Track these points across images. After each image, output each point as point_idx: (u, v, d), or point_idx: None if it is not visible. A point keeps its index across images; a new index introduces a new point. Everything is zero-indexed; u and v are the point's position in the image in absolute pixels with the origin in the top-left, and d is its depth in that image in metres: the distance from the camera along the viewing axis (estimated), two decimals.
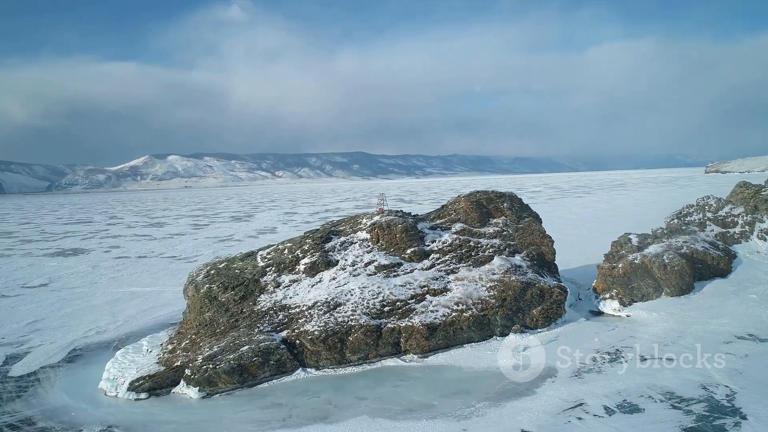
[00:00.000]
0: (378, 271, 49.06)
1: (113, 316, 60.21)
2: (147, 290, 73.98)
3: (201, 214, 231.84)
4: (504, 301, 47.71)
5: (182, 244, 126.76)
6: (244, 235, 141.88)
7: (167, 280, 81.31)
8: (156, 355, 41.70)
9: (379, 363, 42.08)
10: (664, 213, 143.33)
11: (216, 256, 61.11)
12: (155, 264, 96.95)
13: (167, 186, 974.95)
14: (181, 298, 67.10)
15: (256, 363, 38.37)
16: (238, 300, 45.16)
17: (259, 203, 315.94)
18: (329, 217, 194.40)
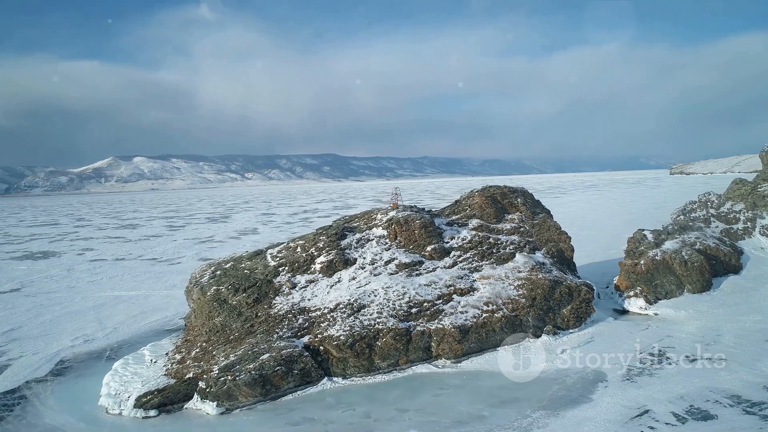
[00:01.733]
0: (399, 269, 45.55)
1: (100, 323, 54.96)
2: (132, 294, 68.56)
3: (174, 216, 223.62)
4: (534, 301, 44.82)
5: (160, 245, 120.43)
6: (225, 236, 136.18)
7: (152, 283, 75.97)
8: (162, 366, 37.16)
9: (410, 370, 38.56)
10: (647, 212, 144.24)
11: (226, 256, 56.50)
12: (135, 267, 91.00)
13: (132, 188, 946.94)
14: (173, 303, 62.77)
15: (279, 373, 34.36)
16: (251, 303, 40.94)
17: (232, 205, 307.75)
18: (309, 217, 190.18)
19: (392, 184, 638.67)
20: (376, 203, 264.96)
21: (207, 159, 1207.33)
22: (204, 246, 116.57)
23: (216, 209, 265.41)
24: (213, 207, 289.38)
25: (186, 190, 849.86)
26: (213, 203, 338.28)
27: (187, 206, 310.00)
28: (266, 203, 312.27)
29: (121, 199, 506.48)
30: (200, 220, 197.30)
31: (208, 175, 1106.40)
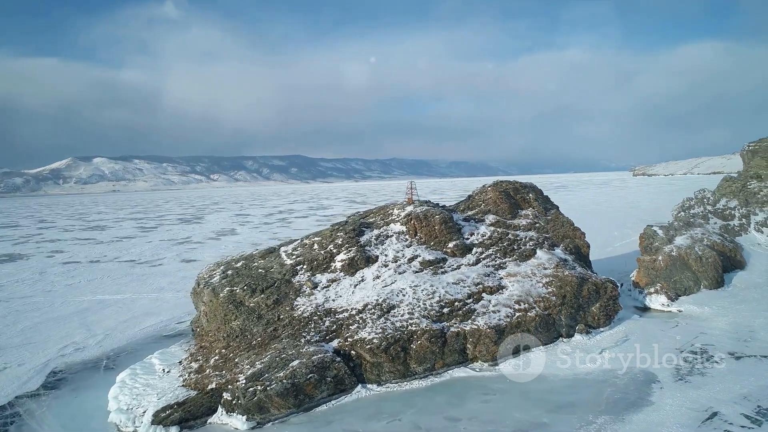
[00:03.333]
0: (424, 267, 42.84)
1: (88, 329, 50.29)
2: (117, 298, 63.70)
3: (143, 217, 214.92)
4: (564, 299, 42.79)
5: (136, 247, 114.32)
6: (203, 237, 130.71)
7: (136, 286, 71.06)
8: (178, 376, 33.36)
9: (447, 374, 35.85)
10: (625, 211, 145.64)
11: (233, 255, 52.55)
12: (114, 269, 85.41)
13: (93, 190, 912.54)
14: (164, 307, 58.45)
15: (311, 381, 31.12)
16: (271, 305, 37.49)
17: (202, 206, 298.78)
18: (286, 218, 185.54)
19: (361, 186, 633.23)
20: (350, 203, 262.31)
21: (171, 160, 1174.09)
22: (183, 247, 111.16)
23: (186, 210, 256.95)
24: (182, 208, 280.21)
25: (149, 191, 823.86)
26: (181, 204, 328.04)
27: (154, 208, 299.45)
28: (237, 204, 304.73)
29: (82, 200, 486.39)
30: (172, 221, 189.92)
31: (172, 176, 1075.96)
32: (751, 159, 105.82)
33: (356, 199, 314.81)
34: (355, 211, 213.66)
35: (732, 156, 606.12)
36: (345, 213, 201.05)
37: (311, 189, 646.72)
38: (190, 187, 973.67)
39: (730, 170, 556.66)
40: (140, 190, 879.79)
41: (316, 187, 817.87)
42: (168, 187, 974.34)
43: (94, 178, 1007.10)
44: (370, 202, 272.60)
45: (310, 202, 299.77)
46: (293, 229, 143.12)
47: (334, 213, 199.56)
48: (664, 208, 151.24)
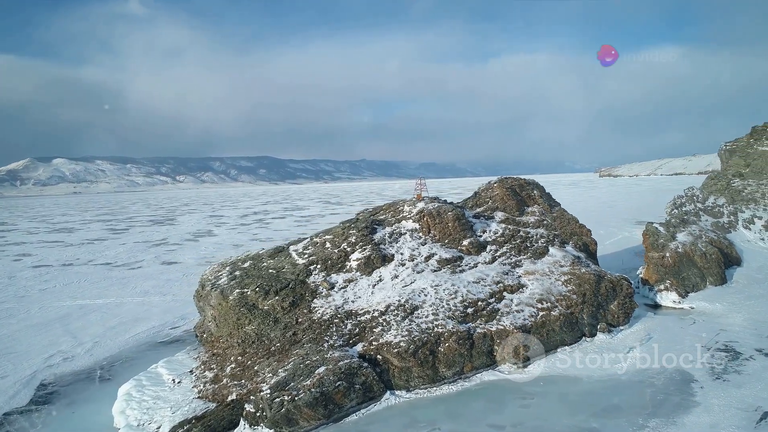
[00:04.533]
0: (441, 266, 40.93)
1: (74, 337, 46.56)
2: (100, 303, 59.68)
3: (111, 219, 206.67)
4: (584, 297, 41.52)
5: (110, 249, 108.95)
6: (180, 238, 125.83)
7: (118, 290, 66.93)
8: (191, 386, 30.50)
9: (476, 378, 33.95)
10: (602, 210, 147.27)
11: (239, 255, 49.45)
12: (90, 272, 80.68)
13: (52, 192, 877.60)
14: (154, 312, 54.92)
15: (341, 389, 28.78)
16: (287, 307, 34.88)
17: (171, 207, 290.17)
18: (263, 218, 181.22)
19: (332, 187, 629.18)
20: (325, 204, 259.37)
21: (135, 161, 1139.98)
22: (161, 249, 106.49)
23: (156, 212, 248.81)
24: (151, 210, 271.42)
25: (113, 193, 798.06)
26: (149, 206, 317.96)
27: (120, 209, 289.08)
28: (208, 206, 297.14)
29: (42, 202, 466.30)
30: (143, 222, 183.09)
31: (136, 177, 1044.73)
32: (729, 158, 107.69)
33: (330, 200, 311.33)
34: (325, 209, 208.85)
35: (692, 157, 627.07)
36: (321, 214, 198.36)
37: (282, 190, 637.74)
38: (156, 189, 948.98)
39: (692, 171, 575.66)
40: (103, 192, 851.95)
41: (286, 188, 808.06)
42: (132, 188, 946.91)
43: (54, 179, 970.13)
44: (345, 203, 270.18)
45: (284, 203, 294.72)
46: (272, 230, 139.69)
47: (311, 214, 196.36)
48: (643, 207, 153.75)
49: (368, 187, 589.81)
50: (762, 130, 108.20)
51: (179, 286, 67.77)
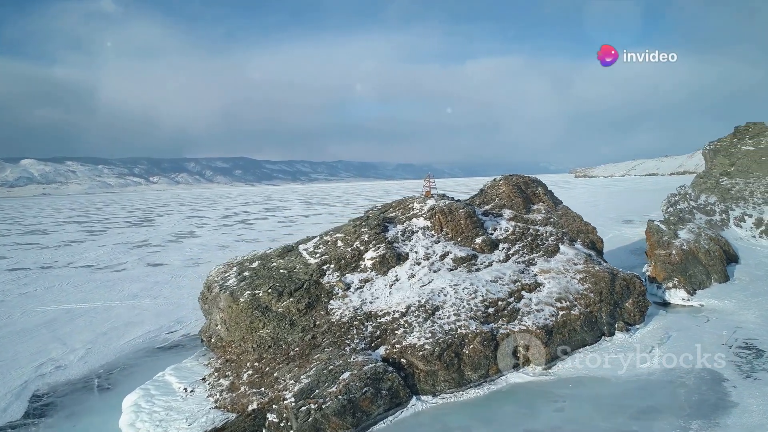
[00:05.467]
0: (457, 264, 39.53)
1: (64, 344, 43.75)
2: (87, 307, 56.64)
3: (86, 220, 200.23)
4: (601, 295, 40.61)
5: (89, 251, 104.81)
6: (162, 240, 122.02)
7: (104, 293, 63.83)
8: (207, 396, 28.39)
9: (502, 381, 32.60)
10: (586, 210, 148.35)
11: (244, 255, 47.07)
12: (72, 275, 77.04)
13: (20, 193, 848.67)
14: (146, 316, 52.21)
15: (368, 396, 27.11)
16: (303, 309, 32.99)
17: (148, 208, 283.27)
18: (245, 219, 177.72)
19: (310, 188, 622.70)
20: (306, 205, 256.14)
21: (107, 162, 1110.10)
22: (143, 251, 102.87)
23: (132, 213, 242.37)
24: (127, 211, 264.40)
25: (84, 194, 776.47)
26: (124, 207, 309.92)
27: (94, 211, 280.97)
28: (185, 207, 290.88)
29: (11, 204, 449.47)
30: (120, 224, 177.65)
31: (108, 179, 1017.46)
32: (714, 158, 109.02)
33: (311, 200, 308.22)
34: (307, 209, 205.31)
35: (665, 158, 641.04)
36: (304, 214, 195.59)
37: (259, 191, 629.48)
38: (129, 190, 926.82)
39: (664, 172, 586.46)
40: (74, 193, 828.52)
41: (263, 189, 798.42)
42: (104, 190, 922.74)
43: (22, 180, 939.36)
44: (326, 203, 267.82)
45: (263, 204, 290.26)
46: (257, 230, 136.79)
47: (293, 214, 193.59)
48: (624, 206, 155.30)
49: (346, 188, 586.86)
50: (745, 130, 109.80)
51: (169, 289, 65.06)
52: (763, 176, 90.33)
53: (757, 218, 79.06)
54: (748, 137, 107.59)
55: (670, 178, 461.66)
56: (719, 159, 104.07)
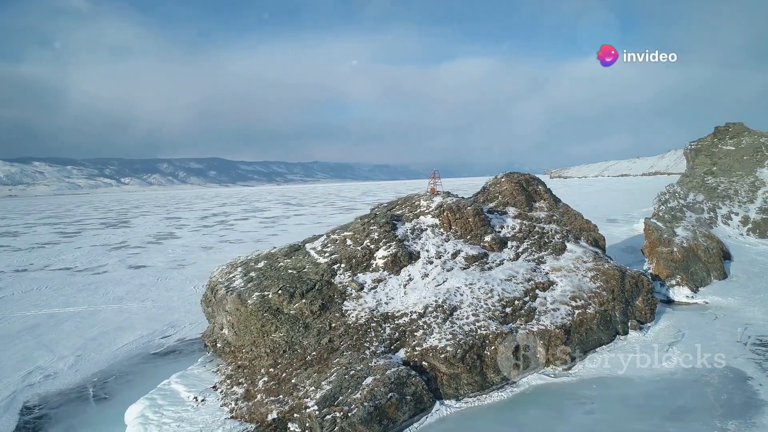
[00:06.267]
0: (469, 263, 38.33)
1: (51, 351, 41.12)
2: (70, 311, 53.74)
3: (58, 222, 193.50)
4: (613, 293, 39.93)
5: (65, 254, 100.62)
6: (141, 241, 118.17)
7: (87, 296, 60.82)
8: (220, 405, 26.48)
9: (524, 382, 31.47)
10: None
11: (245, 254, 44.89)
12: (50, 278, 73.47)
13: None
14: (137, 320, 49.76)
15: (393, 401, 25.63)
16: (317, 311, 31.29)
17: (121, 210, 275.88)
18: (225, 221, 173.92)
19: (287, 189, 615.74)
20: (286, 206, 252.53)
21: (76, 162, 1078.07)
22: (123, 252, 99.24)
23: (106, 215, 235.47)
24: (100, 213, 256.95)
25: (52, 196, 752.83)
26: (97, 209, 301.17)
27: (65, 212, 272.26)
28: (161, 208, 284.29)
29: None
30: (94, 225, 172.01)
31: (77, 180, 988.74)
32: (695, 157, 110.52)
33: (289, 201, 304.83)
34: (287, 210, 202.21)
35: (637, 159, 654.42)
36: (285, 215, 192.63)
37: (235, 192, 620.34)
38: (99, 192, 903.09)
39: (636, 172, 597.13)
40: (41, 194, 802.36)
41: (239, 190, 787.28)
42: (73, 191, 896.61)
43: None
44: (306, 204, 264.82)
45: (241, 205, 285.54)
46: (239, 231, 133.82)
47: (274, 215, 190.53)
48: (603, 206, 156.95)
49: (324, 189, 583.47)
50: (725, 131, 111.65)
51: (156, 291, 62.40)
52: (745, 175, 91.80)
53: (744, 216, 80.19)
54: (728, 137, 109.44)
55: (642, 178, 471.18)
56: (701, 158, 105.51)
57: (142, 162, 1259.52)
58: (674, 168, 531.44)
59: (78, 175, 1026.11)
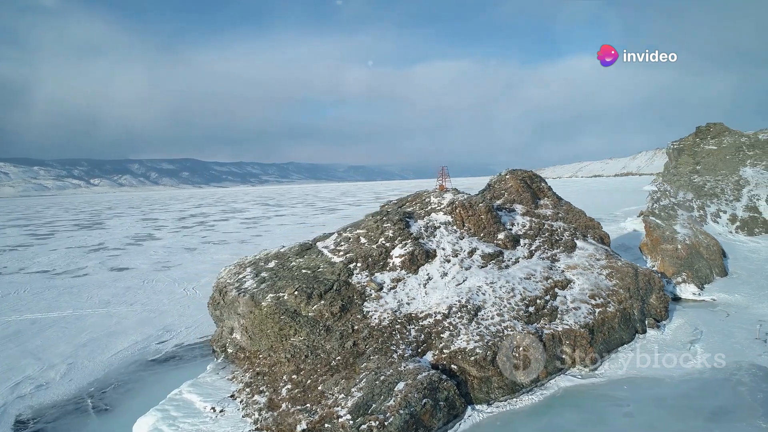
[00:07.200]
0: (486, 261, 37.01)
1: (38, 359, 38.34)
2: (54, 316, 50.67)
3: (28, 224, 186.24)
4: (630, 290, 39.15)
5: (40, 256, 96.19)
6: (120, 243, 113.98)
7: (69, 300, 57.62)
8: (242, 416, 24.45)
9: (552, 384, 30.25)
10: None
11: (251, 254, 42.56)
12: (27, 282, 69.73)
13: None
14: (128, 324, 47.15)
15: (428, 408, 24.05)
16: (337, 313, 29.47)
17: (94, 211, 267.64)
18: (205, 221, 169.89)
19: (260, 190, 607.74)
20: (264, 207, 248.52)
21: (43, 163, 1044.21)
22: (102, 255, 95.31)
23: (77, 216, 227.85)
24: (71, 214, 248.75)
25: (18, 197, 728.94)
26: (67, 210, 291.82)
27: (34, 214, 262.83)
28: (135, 209, 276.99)
29: None
30: (67, 227, 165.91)
31: (45, 181, 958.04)
32: (678, 156, 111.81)
33: (267, 202, 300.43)
34: (267, 210, 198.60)
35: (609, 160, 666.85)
36: (266, 215, 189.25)
37: (209, 193, 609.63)
38: (67, 193, 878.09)
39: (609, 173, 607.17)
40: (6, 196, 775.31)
41: (213, 191, 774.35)
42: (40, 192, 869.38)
43: None
44: (285, 204, 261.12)
45: (218, 206, 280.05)
46: (222, 232, 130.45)
47: (254, 216, 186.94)
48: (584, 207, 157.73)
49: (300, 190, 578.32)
50: (706, 130, 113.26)
51: (145, 295, 59.53)
52: (729, 174, 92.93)
53: (731, 214, 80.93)
54: (709, 137, 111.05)
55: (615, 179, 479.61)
56: (683, 158, 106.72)
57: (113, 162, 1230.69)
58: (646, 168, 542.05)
59: (45, 176, 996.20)
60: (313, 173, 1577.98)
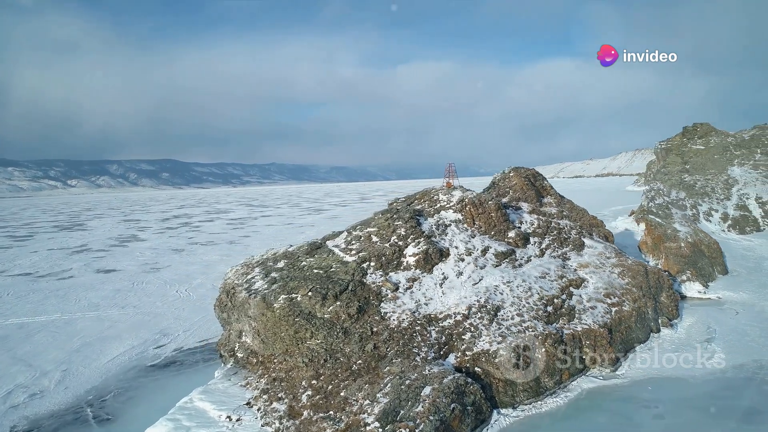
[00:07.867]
0: (499, 260, 36.03)
1: (29, 365, 36.32)
2: (41, 320, 48.39)
3: (5, 225, 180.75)
4: (642, 289, 38.53)
5: (21, 258, 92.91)
6: (104, 244, 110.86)
7: (57, 304, 55.31)
8: (262, 424, 22.98)
9: (575, 386, 29.36)
10: None
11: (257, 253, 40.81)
12: (10, 284, 66.93)
13: None
14: (121, 328, 45.26)
15: (456, 413, 22.93)
16: (354, 314, 28.13)
17: (72, 213, 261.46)
18: (189, 222, 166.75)
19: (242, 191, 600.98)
20: (249, 207, 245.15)
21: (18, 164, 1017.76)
22: (87, 256, 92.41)
23: (56, 217, 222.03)
24: (49, 215, 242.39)
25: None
26: (45, 212, 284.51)
27: (11, 215, 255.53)
28: (116, 210, 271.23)
29: None
30: (46, 228, 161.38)
31: (19, 182, 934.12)
32: (666, 156, 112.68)
33: (251, 203, 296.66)
34: (252, 211, 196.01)
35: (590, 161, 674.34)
36: (252, 216, 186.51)
37: (191, 194, 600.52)
38: (43, 194, 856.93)
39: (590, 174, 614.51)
40: None
41: (194, 192, 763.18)
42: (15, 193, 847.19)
43: None
44: (270, 205, 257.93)
45: (201, 206, 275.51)
46: (208, 233, 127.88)
47: (240, 216, 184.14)
48: None
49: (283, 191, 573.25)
50: (693, 130, 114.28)
51: (136, 297, 57.40)
52: (718, 173, 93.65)
53: (723, 213, 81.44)
54: (696, 137, 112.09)
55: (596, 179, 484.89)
56: (671, 157, 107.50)
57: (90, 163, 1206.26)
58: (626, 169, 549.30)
59: (20, 176, 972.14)
60: (295, 174, 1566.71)
